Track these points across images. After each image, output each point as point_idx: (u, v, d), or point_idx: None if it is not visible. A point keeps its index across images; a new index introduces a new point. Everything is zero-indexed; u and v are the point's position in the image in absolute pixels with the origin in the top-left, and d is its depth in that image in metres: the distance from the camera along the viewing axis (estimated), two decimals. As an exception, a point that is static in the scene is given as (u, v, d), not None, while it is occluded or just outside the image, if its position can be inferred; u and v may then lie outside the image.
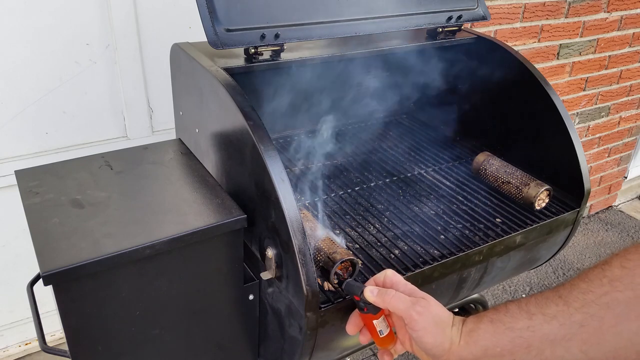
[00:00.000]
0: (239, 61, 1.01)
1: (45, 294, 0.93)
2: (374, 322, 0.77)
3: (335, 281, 0.83)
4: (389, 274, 0.78)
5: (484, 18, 1.28)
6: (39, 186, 0.92)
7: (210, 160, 1.01)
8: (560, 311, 0.61)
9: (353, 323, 0.80)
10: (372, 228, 1.06)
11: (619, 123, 2.84)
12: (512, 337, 0.64)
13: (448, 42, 1.28)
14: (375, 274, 0.91)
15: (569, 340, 0.60)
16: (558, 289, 0.64)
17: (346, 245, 0.98)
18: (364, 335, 0.80)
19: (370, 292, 0.76)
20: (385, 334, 0.77)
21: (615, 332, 0.57)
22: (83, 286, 0.75)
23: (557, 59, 2.29)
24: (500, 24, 1.99)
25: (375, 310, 0.77)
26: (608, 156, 2.93)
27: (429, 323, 0.70)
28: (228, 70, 0.94)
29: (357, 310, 0.80)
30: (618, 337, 0.57)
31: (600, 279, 0.60)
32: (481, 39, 1.31)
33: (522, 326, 0.64)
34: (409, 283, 0.77)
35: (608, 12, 2.32)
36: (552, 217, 1.10)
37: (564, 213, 1.12)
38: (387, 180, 1.24)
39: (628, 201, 3.32)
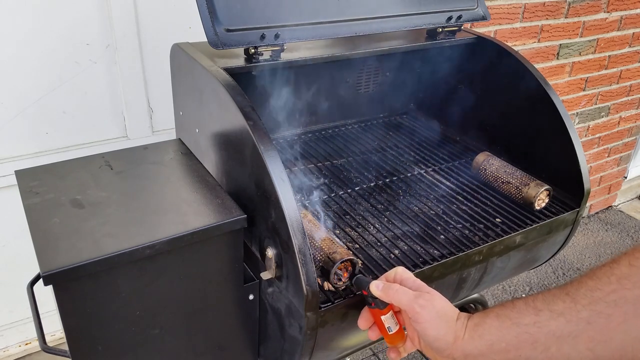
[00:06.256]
0: (239, 61, 1.01)
1: (45, 294, 0.92)
2: (382, 317, 0.78)
3: (335, 281, 0.83)
4: (400, 271, 0.79)
5: (483, 18, 1.28)
6: (39, 186, 0.92)
7: (210, 160, 1.01)
8: (567, 308, 0.61)
9: (364, 318, 0.81)
10: (372, 228, 1.06)
11: (618, 123, 2.84)
12: (518, 333, 0.64)
13: (448, 42, 1.28)
14: (375, 273, 0.91)
15: (575, 337, 0.60)
16: (565, 286, 0.63)
17: (346, 245, 0.98)
18: (373, 331, 0.80)
19: (376, 287, 0.77)
20: (394, 331, 0.78)
21: (622, 330, 0.57)
22: (83, 286, 0.75)
23: (557, 59, 2.29)
24: (500, 24, 1.99)
25: (382, 306, 0.77)
26: (608, 156, 2.93)
27: (432, 316, 0.71)
28: (228, 70, 0.94)
29: (367, 305, 0.80)
30: (625, 335, 0.57)
31: (608, 277, 0.59)
32: (481, 39, 1.31)
33: (529, 322, 0.64)
34: (418, 280, 0.78)
35: (608, 12, 2.32)
36: (552, 217, 1.10)
37: (563, 213, 1.12)
38: (387, 180, 1.24)
39: (628, 201, 3.33)
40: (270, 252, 0.84)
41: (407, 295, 0.73)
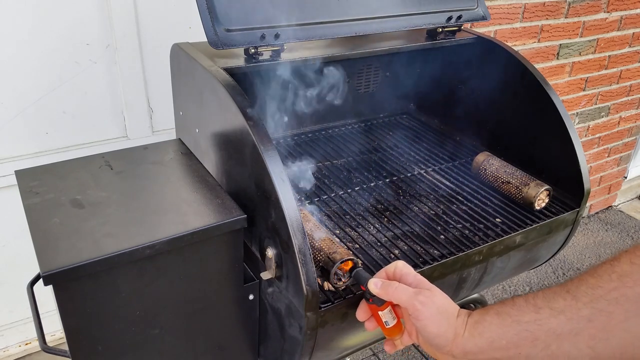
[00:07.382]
0: (239, 61, 1.01)
1: (45, 294, 0.93)
2: (379, 313, 0.77)
3: (335, 281, 0.83)
4: (400, 265, 0.78)
5: (483, 18, 1.28)
6: (39, 186, 0.92)
7: (210, 160, 1.01)
8: (568, 306, 0.61)
9: (363, 310, 0.81)
10: (372, 228, 1.06)
11: (618, 123, 2.84)
12: (519, 330, 0.64)
13: (448, 42, 1.28)
14: (375, 274, 0.91)
15: (576, 335, 0.60)
16: (566, 284, 0.63)
17: (346, 245, 0.98)
18: (370, 323, 0.80)
19: (374, 285, 0.76)
20: (391, 325, 0.78)
21: (623, 328, 0.57)
22: (83, 286, 0.75)
23: (557, 59, 2.29)
24: (500, 24, 1.99)
25: (380, 302, 0.77)
26: (608, 156, 2.93)
27: (433, 313, 0.70)
28: (228, 70, 0.94)
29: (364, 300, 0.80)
30: (626, 333, 0.57)
31: (609, 275, 0.59)
32: (481, 39, 1.31)
33: (529, 319, 0.64)
34: (419, 275, 0.77)
35: (608, 12, 2.32)
36: (552, 217, 1.10)
37: (563, 213, 1.12)
38: (387, 180, 1.24)
39: (628, 201, 3.33)
40: (270, 252, 0.84)
41: (407, 292, 0.73)
